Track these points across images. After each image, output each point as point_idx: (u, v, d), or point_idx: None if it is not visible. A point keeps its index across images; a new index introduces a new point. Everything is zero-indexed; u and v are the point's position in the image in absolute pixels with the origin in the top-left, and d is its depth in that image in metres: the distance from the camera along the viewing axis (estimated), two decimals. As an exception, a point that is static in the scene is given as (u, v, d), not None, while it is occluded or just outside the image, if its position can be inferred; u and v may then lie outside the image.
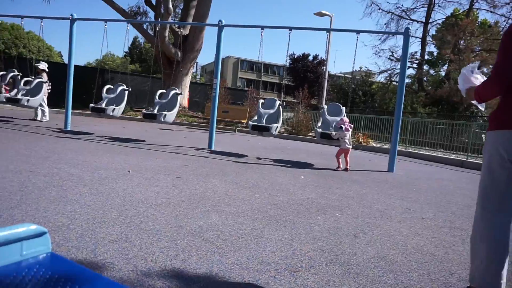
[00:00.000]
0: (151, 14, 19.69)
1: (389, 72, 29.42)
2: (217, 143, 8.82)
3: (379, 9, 29.50)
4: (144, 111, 7.62)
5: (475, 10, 29.01)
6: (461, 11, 30.65)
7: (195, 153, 6.86)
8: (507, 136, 1.78)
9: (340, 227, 3.00)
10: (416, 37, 29.42)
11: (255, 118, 7.46)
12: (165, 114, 7.42)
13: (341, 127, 6.46)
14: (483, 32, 25.61)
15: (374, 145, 11.89)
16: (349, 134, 6.53)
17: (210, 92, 16.48)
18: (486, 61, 23.43)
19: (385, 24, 29.99)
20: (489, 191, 1.89)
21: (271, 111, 7.25)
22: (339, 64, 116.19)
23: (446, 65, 28.67)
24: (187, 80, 18.10)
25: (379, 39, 30.19)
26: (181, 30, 17.61)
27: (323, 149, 9.89)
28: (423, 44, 29.28)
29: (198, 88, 22.05)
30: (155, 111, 7.71)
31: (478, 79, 2.11)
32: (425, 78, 29.80)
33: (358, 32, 6.91)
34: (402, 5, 29.83)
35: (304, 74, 44.21)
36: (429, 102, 25.93)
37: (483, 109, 2.41)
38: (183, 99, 18.15)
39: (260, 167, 5.87)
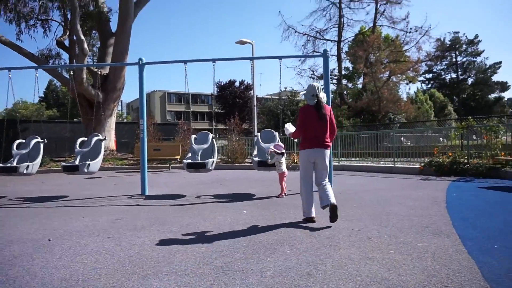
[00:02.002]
0: (65, 56, 18.52)
1: (312, 90, 31.05)
2: (151, 186, 8.31)
3: (295, 32, 31.42)
4: (63, 163, 6.90)
5: (378, 26, 32.23)
6: (366, 29, 33.88)
7: (128, 202, 6.32)
8: (306, 152, 4.36)
9: (292, 267, 2.83)
10: (332, 55, 31.69)
11: (189, 155, 7.17)
12: (88, 164, 6.80)
13: (280, 153, 6.45)
14: (388, 45, 28.42)
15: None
16: (284, 157, 6.55)
17: (138, 131, 15.79)
18: (394, 72, 25.94)
19: (302, 45, 32.00)
20: (303, 173, 4.43)
21: (205, 145, 7.02)
22: (265, 86, 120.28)
23: (362, 78, 31.15)
24: (112, 121, 17.17)
25: (299, 60, 31.84)
26: (100, 70, 16.81)
27: (261, 175, 9.84)
28: (339, 61, 31.60)
29: (125, 127, 21.03)
30: (77, 162, 7.03)
31: (289, 129, 4.91)
32: (345, 92, 31.99)
33: (280, 58, 7.08)
34: (315, 27, 31.92)
35: (233, 100, 44.85)
36: (352, 114, 27.72)
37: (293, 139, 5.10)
38: (110, 142, 17.13)
39: (199, 207, 5.56)
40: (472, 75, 60.94)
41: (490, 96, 59.99)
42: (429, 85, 61.32)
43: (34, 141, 7.53)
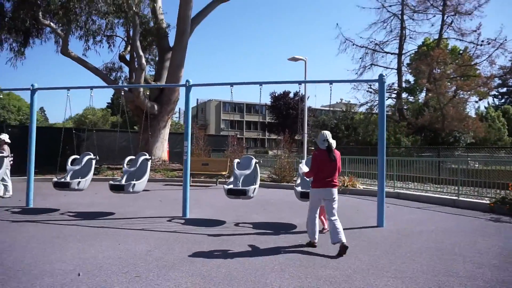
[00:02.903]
0: (126, 69, 19.54)
1: (369, 104, 29.76)
2: (195, 204, 8.28)
3: (353, 44, 30.34)
4: (111, 182, 7.03)
5: (444, 38, 30.08)
6: (431, 40, 31.81)
7: (167, 226, 6.23)
8: (318, 191, 4.96)
9: None
10: (392, 68, 30.16)
11: (231, 179, 6.95)
12: (134, 184, 6.86)
13: None
14: (455, 59, 26.33)
15: (361, 187, 11.43)
16: None
17: (192, 142, 16.06)
18: (462, 88, 23.89)
19: (360, 58, 30.75)
20: (312, 207, 5.06)
21: (247, 171, 6.76)
22: (321, 97, 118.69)
23: (424, 93, 29.20)
24: (166, 132, 17.69)
25: (356, 73, 30.69)
26: (156, 83, 17.45)
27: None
28: (399, 74, 29.95)
29: (178, 137, 21.57)
30: (123, 181, 7.13)
31: (303, 169, 5.39)
32: (405, 107, 30.18)
33: (331, 82, 6.65)
34: (375, 39, 30.54)
35: (286, 111, 44.59)
36: (411, 132, 26.00)
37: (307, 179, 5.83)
38: (163, 152, 17.63)
39: (236, 242, 5.27)
40: (553, 90, 54.55)
41: None
42: (503, 100, 56.03)
43: (87, 157, 7.82)
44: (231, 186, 6.64)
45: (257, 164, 7.05)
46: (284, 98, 45.79)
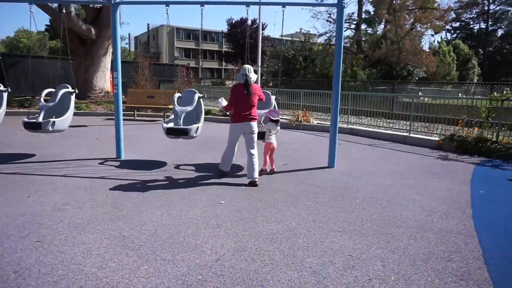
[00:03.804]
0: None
1: (328, 35, 28.80)
2: (135, 142, 7.51)
3: (313, -32, 28.16)
4: (25, 118, 5.94)
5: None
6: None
7: (96, 170, 5.46)
8: (235, 125, 5.04)
9: None
10: (352, -3, 28.80)
11: (171, 117, 6.13)
12: (53, 122, 5.84)
13: (274, 120, 5.43)
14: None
15: (315, 122, 11.10)
16: (277, 127, 5.54)
17: (135, 71, 14.59)
18: (419, 20, 23.48)
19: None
20: (230, 141, 5.16)
21: (189, 108, 5.94)
22: (280, 26, 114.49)
23: (383, 25, 28.58)
24: (107, 60, 15.90)
25: (316, 0, 29.01)
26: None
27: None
28: (360, 4, 28.79)
29: (125, 66, 19.69)
30: (40, 118, 6.06)
31: (222, 103, 5.38)
32: (363, 39, 29.59)
33: (283, 5, 5.71)
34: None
35: (243, 40, 42.42)
36: (368, 65, 25.80)
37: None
38: (105, 83, 16.02)
39: (171, 190, 4.66)
40: (503, 26, 56.29)
41: (519, 50, 55.85)
42: (454, 35, 57.12)
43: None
44: (171, 125, 5.86)
45: (200, 100, 6.23)
46: (241, 25, 43.26)
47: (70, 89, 6.50)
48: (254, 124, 5.00)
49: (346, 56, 28.64)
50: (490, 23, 56.57)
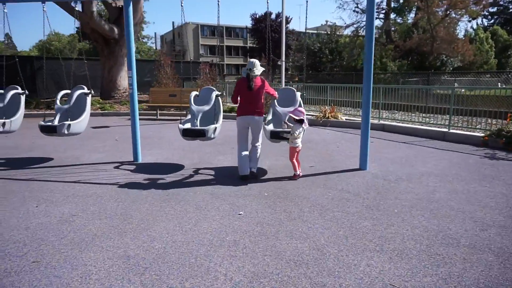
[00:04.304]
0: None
1: (355, 25, 27.73)
2: (154, 143, 7.24)
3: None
4: (41, 122, 5.76)
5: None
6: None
7: (110, 176, 5.18)
8: (239, 118, 4.97)
9: None
10: (381, -15, 27.50)
11: (188, 117, 5.76)
12: (69, 125, 5.61)
13: (298, 120, 4.90)
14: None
15: (344, 118, 10.46)
16: (303, 128, 4.97)
17: (157, 70, 14.43)
18: (455, 5, 22.02)
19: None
20: (239, 138, 5.02)
21: (207, 107, 5.54)
22: (305, 19, 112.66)
23: (413, 13, 27.14)
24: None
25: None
26: (115, 2, 15.12)
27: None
28: (389, -9, 27.47)
29: (149, 65, 19.70)
30: (56, 122, 5.86)
31: None
32: (392, 28, 28.26)
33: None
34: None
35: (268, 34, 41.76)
36: (398, 55, 24.57)
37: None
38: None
39: (187, 197, 4.29)
40: (546, 9, 52.36)
41: None
42: (492, 21, 53.82)
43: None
44: (187, 125, 5.50)
45: (219, 98, 5.82)
46: (266, 20, 42.57)
47: (85, 90, 6.27)
48: (259, 118, 4.96)
49: (375, 47, 27.42)
50: (531, 6, 52.87)
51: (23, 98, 6.41)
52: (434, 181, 4.85)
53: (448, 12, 23.41)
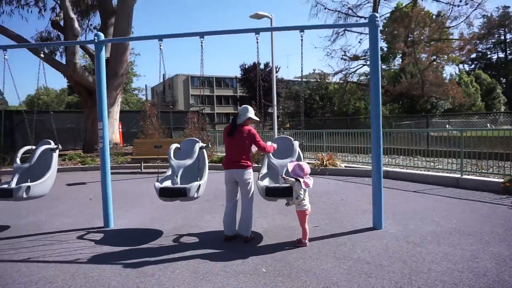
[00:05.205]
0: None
1: (343, 72, 28.04)
2: (135, 200, 6.26)
3: (325, 8, 28.23)
4: (-6, 185, 4.83)
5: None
6: (404, 4, 30.04)
7: (71, 250, 4.18)
8: (225, 172, 4.32)
9: None
10: (366, 34, 28.29)
11: (168, 173, 4.91)
12: (28, 187, 4.70)
13: (295, 179, 4.03)
14: (433, 22, 24.75)
15: (343, 166, 9.70)
16: (305, 189, 4.07)
17: (143, 120, 13.76)
18: (441, 51, 22.45)
19: (333, 23, 28.66)
20: (226, 194, 4.39)
21: (189, 161, 4.73)
22: (293, 69, 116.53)
23: (399, 59, 27.69)
24: (115, 111, 15.25)
25: (329, 40, 28.87)
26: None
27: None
28: (374, 39, 28.16)
29: (136, 116, 19.11)
30: (13, 184, 4.93)
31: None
32: (382, 73, 28.68)
33: (302, 28, 4.62)
34: (347, 2, 28.63)
35: (257, 83, 42.31)
36: (389, 100, 24.58)
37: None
38: (113, 134, 15.25)
39: (165, 273, 3.32)
40: (522, 54, 54.82)
41: (542, 77, 53.80)
42: (472, 66, 55.87)
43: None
44: (166, 184, 4.63)
45: (203, 150, 5.02)
46: (254, 69, 43.38)
47: (52, 145, 5.43)
48: (243, 172, 4.21)
49: (364, 92, 27.62)
50: (508, 51, 55.37)
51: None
52: (468, 242, 3.97)
53: (436, 57, 23.82)
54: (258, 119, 4.62)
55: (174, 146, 4.99)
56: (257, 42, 4.64)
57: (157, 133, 12.80)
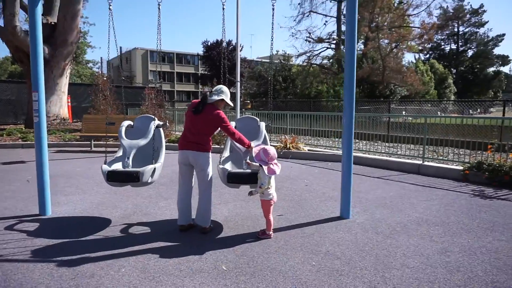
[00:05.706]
0: None
1: (307, 54, 27.85)
2: (78, 183, 5.55)
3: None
4: None
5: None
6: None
7: (2, 237, 3.54)
8: (180, 153, 3.77)
9: None
10: (332, 16, 28.23)
11: (118, 154, 4.32)
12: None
13: (261, 165, 3.62)
14: (396, 9, 25.06)
15: (306, 149, 9.48)
16: (271, 176, 3.68)
17: (95, 94, 12.68)
18: (404, 38, 22.83)
19: (298, 3, 28.24)
20: (179, 178, 3.90)
21: (143, 141, 4.17)
22: (256, 49, 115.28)
23: (361, 45, 27.95)
24: (63, 83, 13.94)
25: (294, 20, 28.40)
26: (47, 18, 13.32)
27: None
28: (339, 23, 28.19)
29: (87, 90, 17.73)
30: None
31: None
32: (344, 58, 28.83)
33: (273, -4, 4.13)
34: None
35: (220, 62, 41.15)
36: (351, 84, 24.80)
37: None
38: (61, 108, 14.00)
39: (109, 272, 2.82)
40: (473, 47, 57.97)
41: (489, 70, 57.42)
42: (427, 56, 58.22)
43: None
44: (115, 167, 4.05)
45: (160, 129, 4.46)
46: (217, 47, 42.12)
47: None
48: (202, 155, 3.71)
49: (327, 76, 27.71)
50: (460, 43, 58.22)
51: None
52: (437, 233, 3.82)
53: (398, 43, 24.24)
54: (232, 104, 4.10)
55: (126, 123, 4.39)
56: (223, 9, 4.10)
57: (110, 109, 11.84)
